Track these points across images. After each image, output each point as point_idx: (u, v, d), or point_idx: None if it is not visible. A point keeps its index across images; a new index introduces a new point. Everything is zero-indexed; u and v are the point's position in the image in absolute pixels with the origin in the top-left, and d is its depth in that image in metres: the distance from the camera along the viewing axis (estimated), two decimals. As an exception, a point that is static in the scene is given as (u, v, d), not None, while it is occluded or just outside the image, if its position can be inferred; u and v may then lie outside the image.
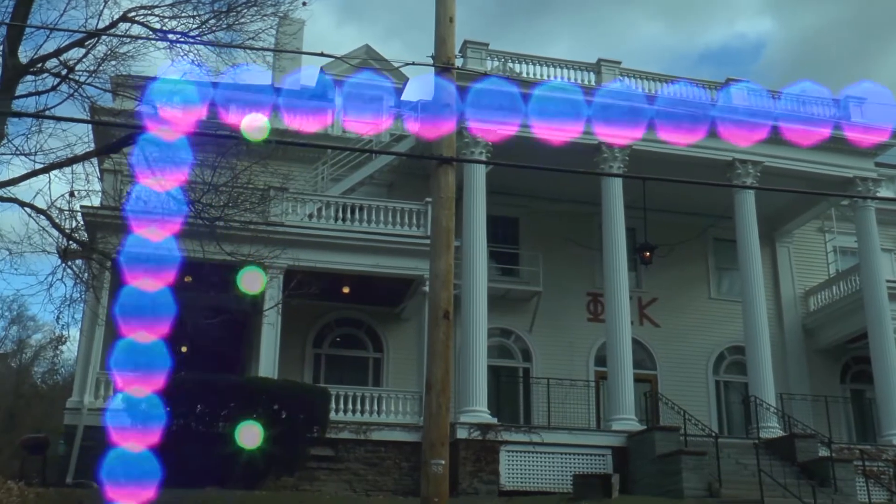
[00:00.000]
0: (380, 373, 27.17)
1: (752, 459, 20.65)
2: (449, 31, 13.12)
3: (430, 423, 10.85)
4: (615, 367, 24.30)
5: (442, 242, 11.62)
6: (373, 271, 23.91)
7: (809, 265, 32.25)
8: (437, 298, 11.17)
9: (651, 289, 29.96)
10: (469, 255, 24.01)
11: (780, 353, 29.45)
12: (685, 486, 20.44)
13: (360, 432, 22.52)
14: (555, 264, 28.88)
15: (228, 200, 17.44)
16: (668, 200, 27.73)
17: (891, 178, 32.44)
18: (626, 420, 23.66)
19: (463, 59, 25.59)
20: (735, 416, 29.59)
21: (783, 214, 31.07)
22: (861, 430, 30.30)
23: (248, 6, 18.02)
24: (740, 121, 26.24)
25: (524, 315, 28.46)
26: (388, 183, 28.02)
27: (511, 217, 29.30)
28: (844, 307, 29.40)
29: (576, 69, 27.03)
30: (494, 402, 24.89)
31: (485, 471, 22.15)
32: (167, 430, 18.53)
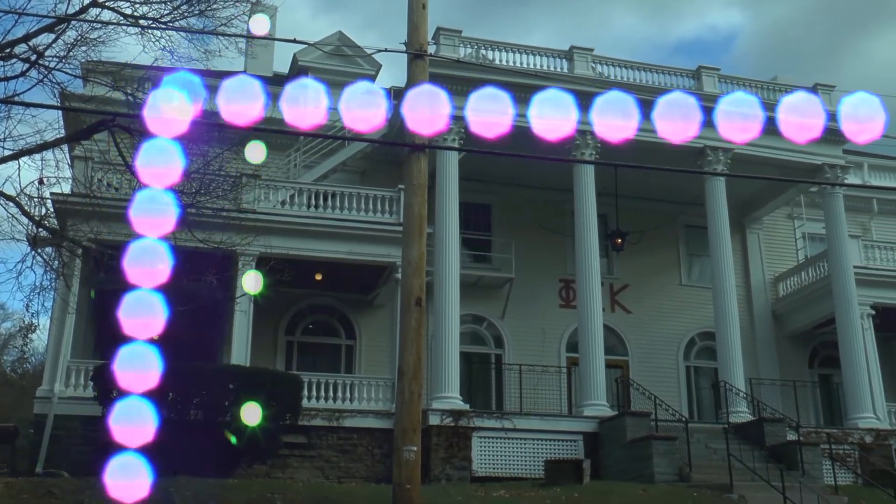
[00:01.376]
0: (352, 360, 27.20)
1: (722, 444, 20.87)
2: (422, 18, 13.16)
3: (402, 409, 10.92)
4: (587, 353, 24.46)
5: (414, 229, 11.68)
6: (345, 258, 23.91)
7: (779, 251, 32.59)
8: (410, 285, 11.23)
9: (623, 275, 30.17)
10: (442, 242, 24.05)
11: (750, 338, 29.79)
12: (656, 470, 20.67)
13: (333, 419, 22.56)
14: (527, 251, 28.99)
15: (200, 187, 17.35)
16: (639, 187, 27.90)
17: (858, 166, 32.77)
18: (597, 406, 23.85)
19: (436, 46, 25.57)
20: (705, 401, 29.89)
21: (753, 201, 31.35)
22: (828, 414, 30.71)
23: (219, -9, 17.90)
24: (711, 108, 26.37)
25: (496, 302, 28.58)
26: (361, 170, 28.00)
27: (483, 204, 29.38)
28: (813, 293, 29.75)
29: (548, 56, 27.10)
30: (467, 388, 25.02)
31: (457, 457, 22.26)
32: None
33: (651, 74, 27.80)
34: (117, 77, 18.03)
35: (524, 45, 26.99)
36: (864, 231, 32.39)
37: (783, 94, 28.24)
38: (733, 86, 28.39)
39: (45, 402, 20.99)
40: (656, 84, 27.29)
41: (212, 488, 16.17)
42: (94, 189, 20.41)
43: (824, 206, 28.63)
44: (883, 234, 32.90)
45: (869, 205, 33.41)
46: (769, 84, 29.10)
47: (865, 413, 26.06)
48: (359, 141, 26.48)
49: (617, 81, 26.63)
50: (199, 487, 16.04)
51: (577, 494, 17.96)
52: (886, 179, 34.60)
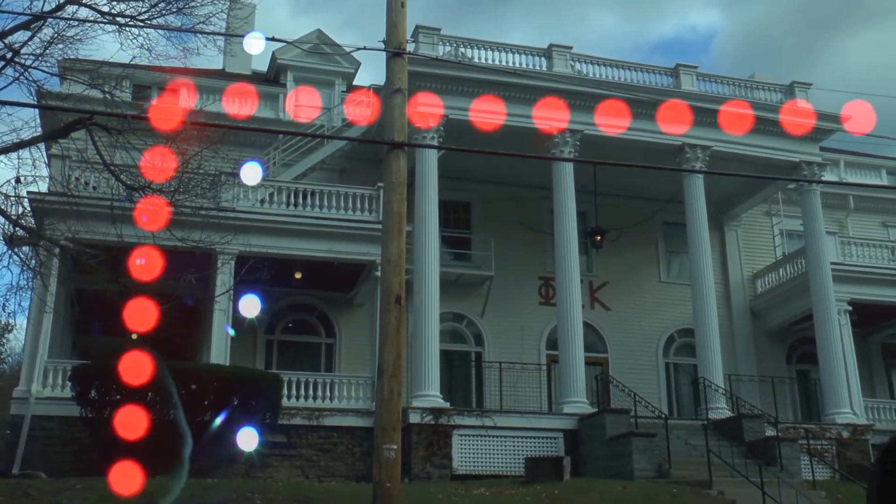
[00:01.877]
0: (332, 358, 27.17)
1: (701, 440, 20.99)
2: (400, 16, 13.15)
3: (382, 408, 10.92)
4: (566, 351, 24.52)
5: (394, 227, 11.67)
6: (325, 257, 23.87)
7: (757, 248, 32.79)
8: (389, 283, 11.23)
9: (602, 272, 30.26)
10: (421, 240, 24.05)
11: (729, 335, 29.95)
12: (635, 467, 20.76)
13: (313, 418, 22.53)
14: (506, 248, 29.03)
15: (179, 186, 17.28)
16: (618, 185, 27.98)
17: (835, 163, 33.03)
18: (577, 403, 23.91)
19: (415, 44, 25.55)
20: (684, 397, 30.04)
21: (731, 198, 31.52)
22: (806, 410, 30.92)
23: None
24: (690, 106, 26.53)
25: (476, 299, 28.61)
26: (340, 168, 27.95)
27: (463, 202, 29.40)
28: (790, 289, 29.94)
29: (527, 54, 27.13)
30: (447, 386, 25.02)
31: (437, 455, 22.27)
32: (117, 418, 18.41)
33: (630, 72, 27.90)
34: (95, 75, 17.94)
35: (503, 44, 27.02)
36: (841, 228, 32.63)
37: (760, 92, 28.62)
38: (711, 84, 28.54)
39: (22, 403, 20.83)
40: (635, 82, 27.38)
41: (191, 488, 16.10)
42: (72, 188, 20.28)
43: (801, 203, 28.82)
44: (859, 230, 33.15)
45: (845, 201, 33.68)
46: (746, 82, 29.26)
47: (843, 408, 26.25)
48: (338, 139, 26.46)
49: (596, 79, 26.73)
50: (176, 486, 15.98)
51: (557, 491, 18.01)
52: (862, 176, 34.91)
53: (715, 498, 18.80)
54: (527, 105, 25.07)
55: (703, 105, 26.75)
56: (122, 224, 17.31)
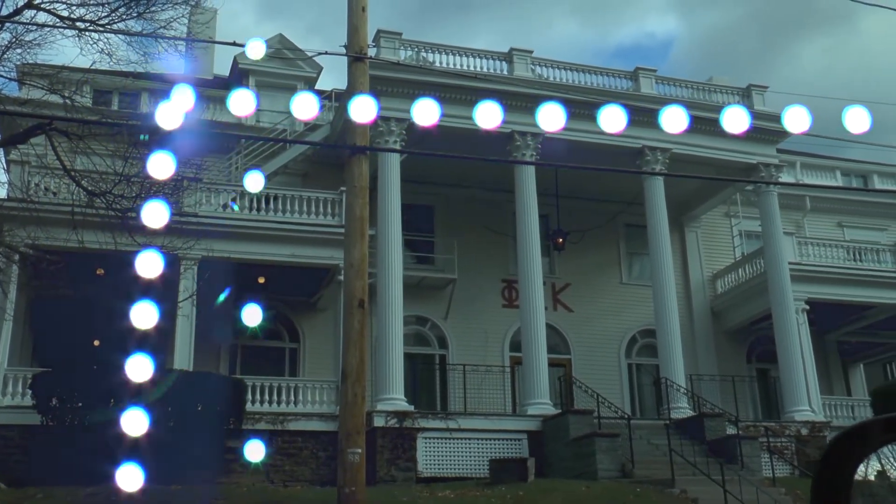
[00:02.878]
0: (296, 363, 27.13)
1: (664, 440, 21.22)
2: (361, 20, 13.21)
3: (346, 412, 10.96)
4: (530, 353, 24.66)
5: (356, 231, 11.73)
6: (288, 261, 23.84)
7: (716, 249, 33.17)
8: (352, 287, 11.28)
9: (564, 274, 30.46)
10: (384, 244, 24.09)
11: (690, 335, 30.26)
12: (599, 467, 20.95)
13: (277, 423, 22.49)
14: (469, 252, 29.13)
15: (140, 191, 17.19)
16: (579, 187, 28.22)
17: (791, 164, 33.52)
18: (541, 404, 24.06)
19: (376, 49, 25.60)
20: (647, 397, 30.31)
21: (691, 200, 31.87)
22: (766, 408, 31.32)
23: (159, -7, 17.78)
24: (649, 109, 26.78)
25: (440, 302, 28.69)
26: (303, 172, 27.93)
27: (426, 205, 29.47)
28: (750, 289, 30.33)
29: (489, 58, 27.28)
30: (411, 389, 25.09)
31: (402, 458, 22.32)
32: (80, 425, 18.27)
33: (590, 76, 28.15)
34: (54, 80, 17.80)
35: (465, 48, 27.15)
36: (798, 228, 33.11)
37: (718, 94, 28.98)
38: (670, 87, 28.89)
39: (-18, 412, 20.60)
40: (595, 85, 27.64)
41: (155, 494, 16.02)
42: (31, 194, 20.13)
43: (759, 204, 29.22)
44: (815, 230, 33.67)
45: (802, 202, 34.19)
46: (705, 85, 29.63)
47: (801, 406, 26.64)
48: (300, 143, 26.44)
49: (556, 83, 26.96)
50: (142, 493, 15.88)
51: (521, 493, 18.12)
52: (818, 177, 35.46)
53: (677, 497, 19.01)
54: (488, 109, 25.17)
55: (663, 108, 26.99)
56: (83, 230, 17.21)
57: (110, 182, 17.06)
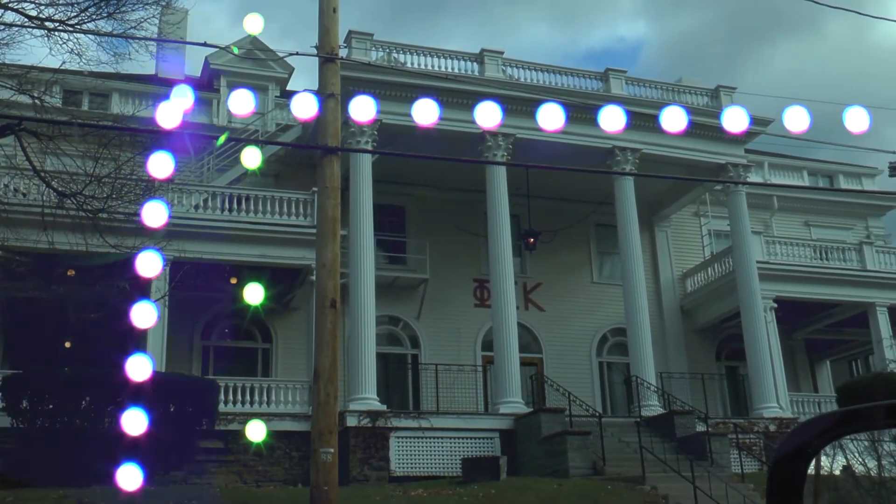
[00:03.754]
0: (269, 363, 27.12)
1: (634, 437, 21.42)
2: (332, 21, 13.25)
3: (318, 412, 11.02)
4: (502, 352, 24.80)
5: (328, 232, 11.79)
6: (260, 261, 23.83)
7: (686, 248, 33.46)
8: (324, 288, 11.34)
9: (536, 274, 30.63)
10: (356, 244, 24.14)
11: (660, 333, 30.52)
12: (570, 465, 21.13)
13: (251, 423, 22.47)
14: (441, 251, 29.22)
15: (112, 192, 17.15)
16: (551, 187, 28.39)
17: (759, 165, 33.90)
18: (512, 403, 24.20)
19: (348, 50, 25.65)
20: (618, 395, 30.54)
21: (661, 200, 32.14)
22: (735, 405, 31.65)
23: (129, -6, 17.71)
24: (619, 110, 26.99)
25: (412, 302, 28.77)
26: (275, 173, 27.89)
27: (398, 205, 29.53)
28: (719, 288, 30.64)
29: (460, 59, 27.38)
30: (384, 389, 25.15)
31: (375, 457, 22.39)
32: (51, 428, 18.20)
33: (560, 77, 28.33)
34: (23, 80, 17.70)
35: (436, 49, 27.24)
36: (766, 227, 33.48)
37: (687, 95, 29.26)
38: (640, 87, 29.14)
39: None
40: (566, 86, 27.82)
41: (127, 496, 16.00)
42: (0, 195, 20.00)
43: (728, 203, 29.52)
44: (783, 229, 34.07)
45: (770, 202, 34.57)
46: (674, 86, 29.91)
47: (769, 403, 26.97)
48: (272, 144, 26.42)
49: (527, 84, 27.13)
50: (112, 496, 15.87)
51: (493, 491, 18.24)
52: (785, 177, 35.89)
53: (648, 493, 19.21)
54: (460, 109, 25.27)
55: (633, 108, 27.23)
56: (53, 231, 17.14)
57: (81, 183, 17.01)
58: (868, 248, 30.91)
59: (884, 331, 29.54)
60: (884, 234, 36.69)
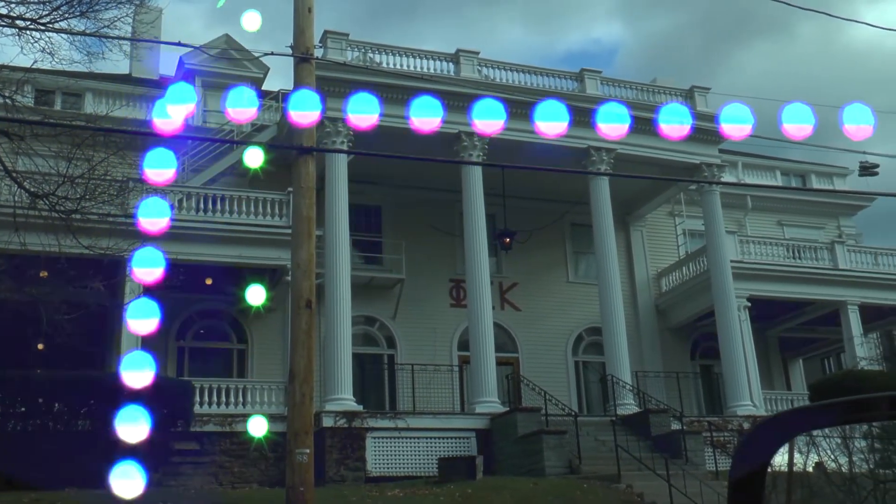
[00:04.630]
0: (245, 364, 27.01)
1: (610, 436, 21.51)
2: (308, 21, 13.24)
3: (293, 412, 11.01)
4: (478, 351, 24.83)
5: (303, 232, 11.77)
6: (236, 262, 23.74)
7: (661, 248, 33.63)
8: (300, 288, 11.33)
9: (511, 274, 30.68)
10: (332, 244, 24.10)
11: (635, 332, 30.66)
12: (546, 464, 21.19)
13: (226, 424, 22.39)
14: (417, 252, 29.21)
15: (85, 193, 17.03)
16: (526, 187, 28.45)
17: (733, 164, 34.13)
18: (489, 403, 24.24)
19: (323, 50, 25.59)
20: (594, 394, 30.66)
21: (636, 199, 32.28)
22: (709, 403, 31.85)
23: (102, -8, 17.61)
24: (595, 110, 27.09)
25: (388, 302, 28.75)
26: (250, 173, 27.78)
27: (373, 205, 29.51)
28: (693, 287, 30.83)
29: (435, 59, 27.40)
30: (360, 389, 25.11)
31: (351, 458, 22.36)
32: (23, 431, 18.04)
33: (536, 77, 28.40)
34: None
35: (412, 49, 27.24)
36: (740, 227, 33.72)
37: (662, 95, 29.41)
38: (615, 88, 29.25)
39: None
40: (541, 87, 27.89)
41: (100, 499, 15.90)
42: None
43: (702, 203, 29.71)
44: (756, 229, 34.33)
45: (743, 201, 34.81)
46: (649, 86, 30.04)
47: (743, 401, 27.16)
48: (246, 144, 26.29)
49: (502, 84, 27.16)
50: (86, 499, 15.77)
51: (470, 491, 18.26)
52: (759, 177, 36.17)
53: (623, 491, 19.29)
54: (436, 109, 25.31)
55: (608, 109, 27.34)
56: (25, 232, 17.00)
57: (54, 183, 16.89)
58: (840, 247, 31.20)
59: (855, 329, 29.83)
60: (855, 234, 37.05)
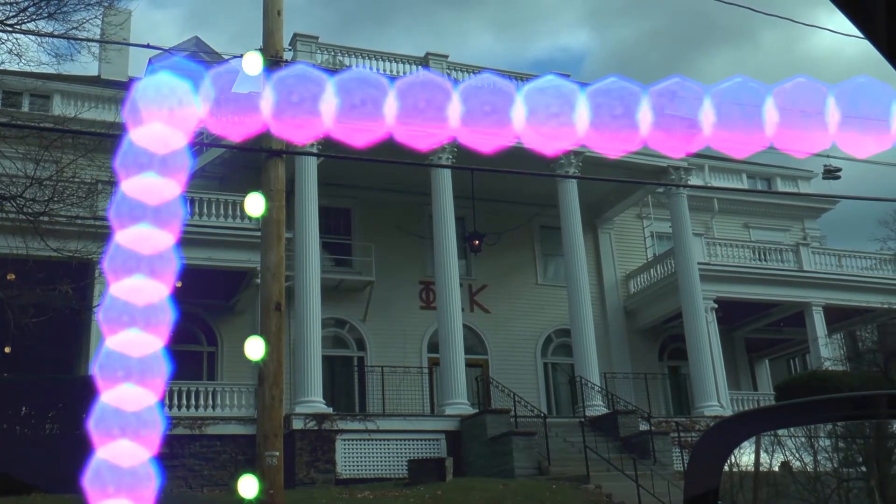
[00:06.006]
0: (214, 366, 26.93)
1: (579, 437, 21.69)
2: (277, 24, 13.26)
3: (263, 415, 11.03)
4: (447, 354, 24.91)
5: (272, 235, 11.81)
6: (205, 264, 23.65)
7: (629, 250, 33.88)
8: (269, 290, 11.36)
9: (481, 276, 30.80)
10: (302, 247, 24.10)
11: (604, 334, 30.87)
12: (516, 465, 21.32)
13: (195, 427, 22.33)
14: (387, 254, 29.25)
15: (53, 195, 16.95)
16: (495, 190, 28.57)
17: (700, 168, 34.46)
18: (458, 405, 24.33)
19: (293, 52, 25.61)
20: (563, 396, 30.82)
21: (604, 202, 32.49)
22: (677, 404, 32.13)
23: (70, -6, 17.53)
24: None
25: (358, 305, 28.76)
26: (220, 175, 27.71)
27: (343, 208, 29.52)
28: (661, 289, 31.08)
29: (405, 62, 27.51)
30: (330, 391, 25.14)
31: (321, 460, 22.38)
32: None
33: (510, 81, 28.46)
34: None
35: (381, 52, 27.36)
36: (707, 229, 34.01)
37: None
38: (583, 91, 29.39)
39: None
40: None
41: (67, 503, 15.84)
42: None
43: (670, 206, 29.98)
44: (723, 231, 34.68)
45: (710, 204, 35.14)
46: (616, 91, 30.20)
47: (710, 402, 27.41)
48: (216, 146, 26.24)
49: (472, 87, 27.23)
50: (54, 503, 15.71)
51: (440, 492, 18.35)
52: (726, 180, 36.50)
53: (592, 492, 19.46)
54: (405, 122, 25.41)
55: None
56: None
57: (21, 185, 16.79)
58: (805, 249, 31.60)
59: (819, 330, 30.20)
60: (819, 236, 37.53)
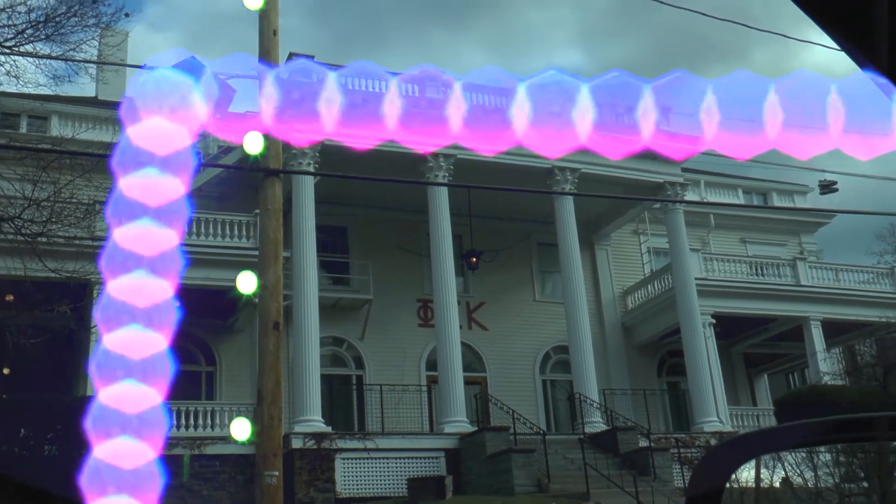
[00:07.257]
0: (213, 386, 26.87)
1: (578, 454, 21.66)
2: (272, 43, 13.34)
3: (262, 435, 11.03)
4: (446, 371, 24.89)
5: (270, 254, 11.85)
6: (203, 284, 23.66)
7: (626, 266, 33.89)
8: (267, 310, 11.39)
9: (479, 293, 30.80)
10: (299, 266, 24.12)
11: (602, 350, 30.84)
12: (515, 483, 21.25)
13: (195, 447, 22.28)
14: (385, 272, 29.25)
15: (51, 215, 16.98)
16: (492, 207, 28.63)
17: (696, 183, 34.55)
18: (457, 422, 24.29)
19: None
20: (561, 412, 30.77)
21: (601, 218, 32.54)
22: (676, 420, 32.05)
23: (67, 16, 17.63)
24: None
25: (356, 323, 28.74)
26: (218, 195, 27.72)
27: (340, 226, 29.54)
28: (659, 304, 31.09)
29: (401, 81, 27.52)
30: (329, 410, 25.09)
31: (320, 479, 22.32)
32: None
33: (500, 97, 28.59)
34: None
35: (377, 70, 27.37)
36: (704, 244, 34.08)
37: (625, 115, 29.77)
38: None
39: None
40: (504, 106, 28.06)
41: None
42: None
43: (666, 221, 30.01)
44: (720, 246, 34.73)
45: (707, 219, 35.20)
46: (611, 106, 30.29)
47: (710, 417, 27.37)
48: (213, 166, 26.33)
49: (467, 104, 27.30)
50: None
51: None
52: (721, 196, 36.62)
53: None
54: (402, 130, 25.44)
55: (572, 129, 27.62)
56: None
57: (19, 206, 16.82)
58: (802, 263, 31.64)
59: (818, 344, 30.21)
60: (816, 250, 37.58)
